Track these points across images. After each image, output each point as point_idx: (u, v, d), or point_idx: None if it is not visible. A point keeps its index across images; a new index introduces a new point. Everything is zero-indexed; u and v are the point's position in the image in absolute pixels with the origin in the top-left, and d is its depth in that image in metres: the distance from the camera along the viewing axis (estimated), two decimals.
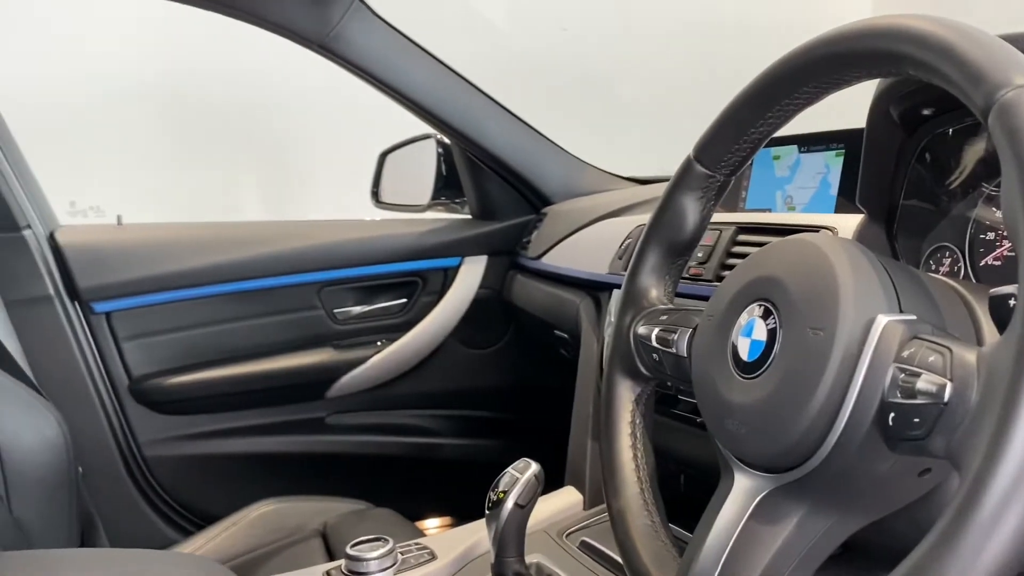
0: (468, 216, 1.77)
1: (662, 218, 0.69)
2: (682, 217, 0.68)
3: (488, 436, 1.84)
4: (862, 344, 0.47)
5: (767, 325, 0.54)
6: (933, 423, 0.43)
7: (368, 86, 1.54)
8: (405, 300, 1.75)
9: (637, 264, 0.71)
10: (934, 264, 0.79)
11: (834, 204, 0.98)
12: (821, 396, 0.48)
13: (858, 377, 0.47)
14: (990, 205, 0.75)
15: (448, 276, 1.73)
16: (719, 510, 0.55)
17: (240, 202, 2.72)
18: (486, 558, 0.91)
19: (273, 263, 1.65)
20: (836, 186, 0.98)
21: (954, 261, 0.77)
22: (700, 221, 0.69)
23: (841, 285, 0.50)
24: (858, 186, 0.82)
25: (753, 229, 0.97)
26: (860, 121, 0.82)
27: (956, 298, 0.54)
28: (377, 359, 1.70)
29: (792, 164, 1.04)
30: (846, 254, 0.52)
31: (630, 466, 0.68)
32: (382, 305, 1.74)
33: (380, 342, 1.72)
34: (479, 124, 1.59)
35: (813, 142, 1.02)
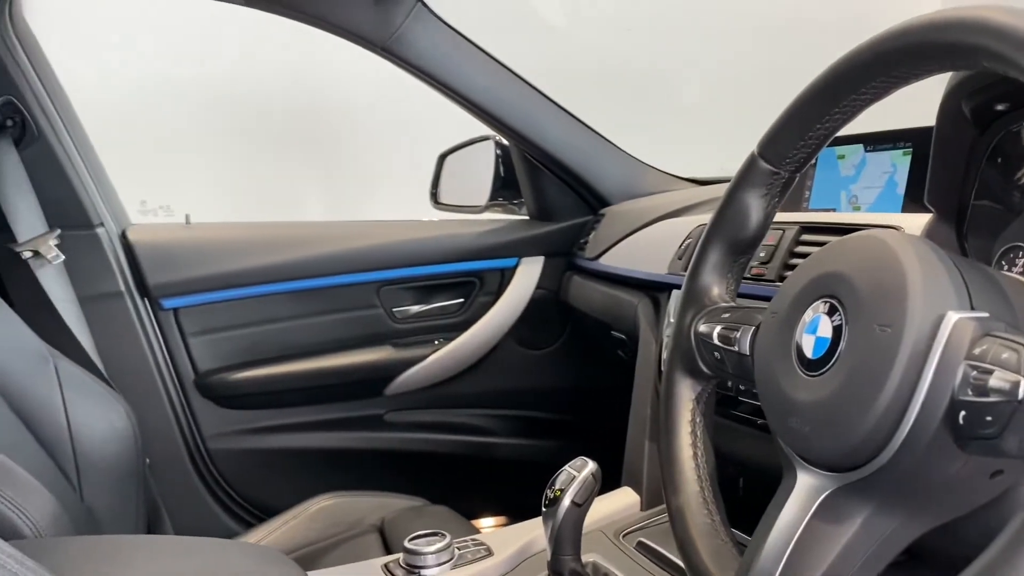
0: (525, 217, 1.78)
1: (725, 215, 0.69)
2: (745, 214, 0.67)
3: (544, 436, 1.84)
4: (931, 341, 0.47)
5: (832, 322, 0.53)
6: (1006, 421, 0.42)
7: (428, 88, 1.56)
8: (462, 300, 1.76)
9: (699, 262, 0.71)
10: (1006, 264, 0.76)
11: (901, 204, 0.96)
12: (888, 394, 0.47)
13: (927, 374, 0.46)
14: None
15: (505, 276, 1.74)
16: (781, 509, 0.55)
17: (302, 202, 2.78)
18: (542, 556, 0.92)
19: (334, 262, 1.68)
20: (903, 185, 0.96)
21: None
22: (764, 219, 0.68)
23: (909, 281, 0.49)
24: (927, 185, 0.81)
25: (817, 229, 0.96)
26: (924, 120, 0.80)
27: None
28: (434, 358, 1.71)
29: (858, 163, 1.03)
30: (914, 250, 0.51)
31: (690, 464, 0.67)
32: (439, 304, 1.76)
33: (437, 341, 1.73)
34: (538, 125, 1.60)
35: (879, 141, 1.00)
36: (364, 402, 1.75)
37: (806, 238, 0.96)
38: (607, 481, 0.90)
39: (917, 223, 0.83)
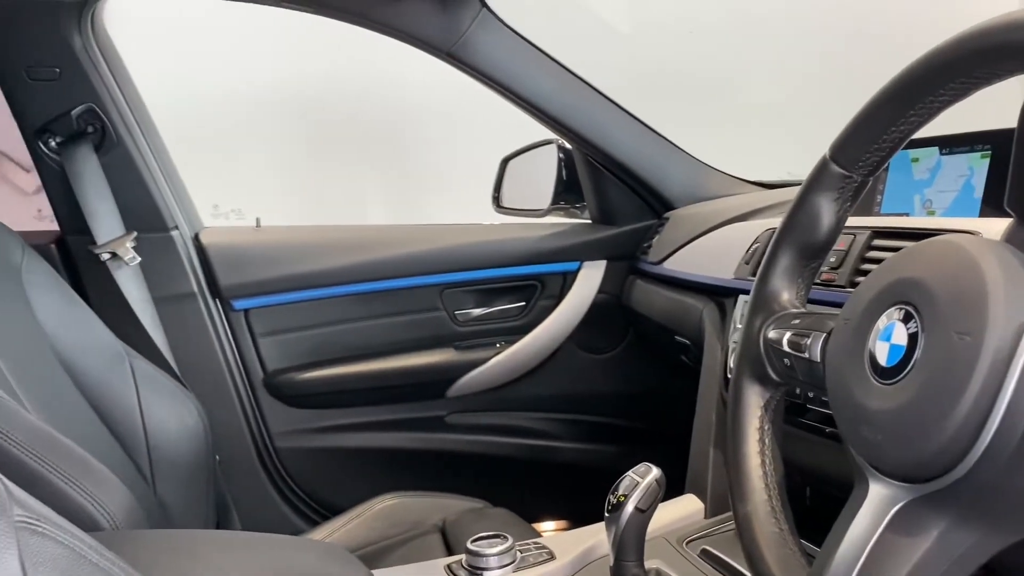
0: (588, 221, 1.78)
1: (795, 219, 0.68)
2: (816, 218, 0.66)
3: (605, 441, 1.83)
4: (1014, 349, 0.45)
5: (908, 329, 0.52)
6: None
7: (490, 93, 1.57)
8: (524, 303, 1.76)
9: (768, 266, 0.70)
10: None
11: (978, 208, 0.93)
12: (967, 403, 0.46)
13: (1008, 384, 0.45)
14: None
15: (567, 280, 1.74)
16: (852, 520, 0.54)
17: (366, 206, 2.82)
18: (604, 561, 0.91)
19: (398, 265, 1.70)
20: (981, 189, 0.93)
21: None
22: (835, 223, 0.67)
23: (990, 288, 0.47)
24: (1007, 188, 0.78)
25: (890, 234, 0.93)
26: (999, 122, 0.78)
27: None
28: (496, 361, 1.72)
29: (932, 166, 1.00)
30: (995, 256, 0.49)
31: (757, 472, 0.67)
32: (501, 308, 1.77)
33: (499, 344, 1.74)
34: (602, 129, 1.59)
35: (956, 143, 0.97)
36: (426, 403, 1.76)
37: (878, 243, 0.94)
38: (670, 487, 0.90)
39: (996, 228, 0.80)
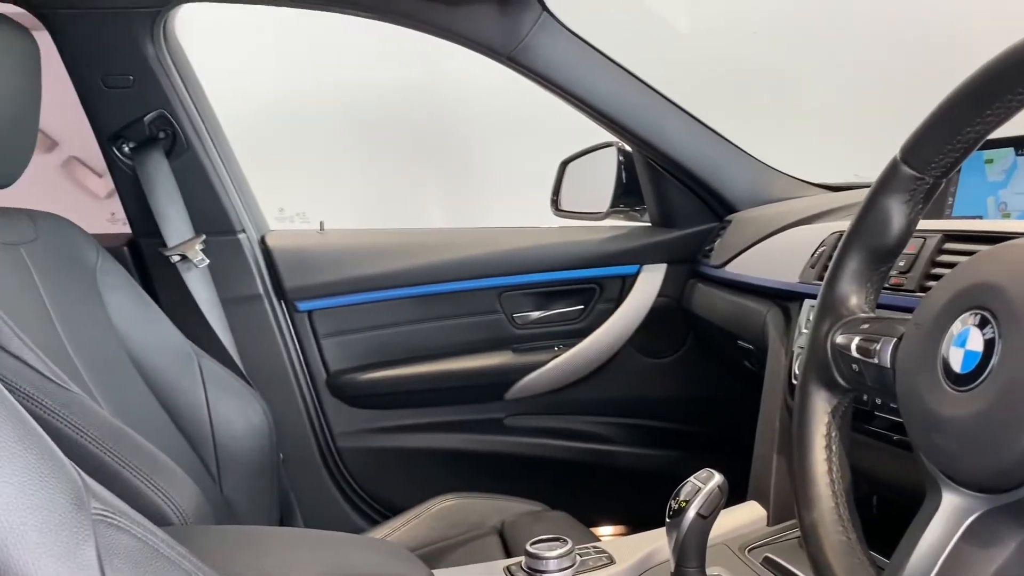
0: (647, 224, 1.76)
1: (864, 222, 0.66)
2: (886, 221, 0.65)
3: (665, 446, 1.81)
4: None
5: (984, 335, 0.50)
6: None
7: (549, 95, 1.57)
8: (582, 307, 1.76)
9: (836, 270, 0.68)
10: None
11: None
12: None
13: None
14: None
15: (626, 284, 1.73)
16: (924, 530, 0.52)
17: (426, 209, 2.85)
18: (665, 567, 0.91)
19: (458, 268, 1.71)
20: None
21: None
22: (906, 226, 0.65)
23: None
24: None
25: (962, 237, 0.91)
26: None
27: None
28: (554, 364, 1.72)
29: (1008, 168, 0.97)
30: None
31: (824, 480, 0.65)
32: (559, 311, 1.77)
33: (557, 347, 1.74)
34: (662, 131, 1.58)
35: None
36: (484, 405, 1.77)
37: (950, 247, 0.91)
38: (731, 494, 0.88)
39: None
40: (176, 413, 1.31)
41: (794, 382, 1.04)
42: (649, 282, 1.71)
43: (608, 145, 1.72)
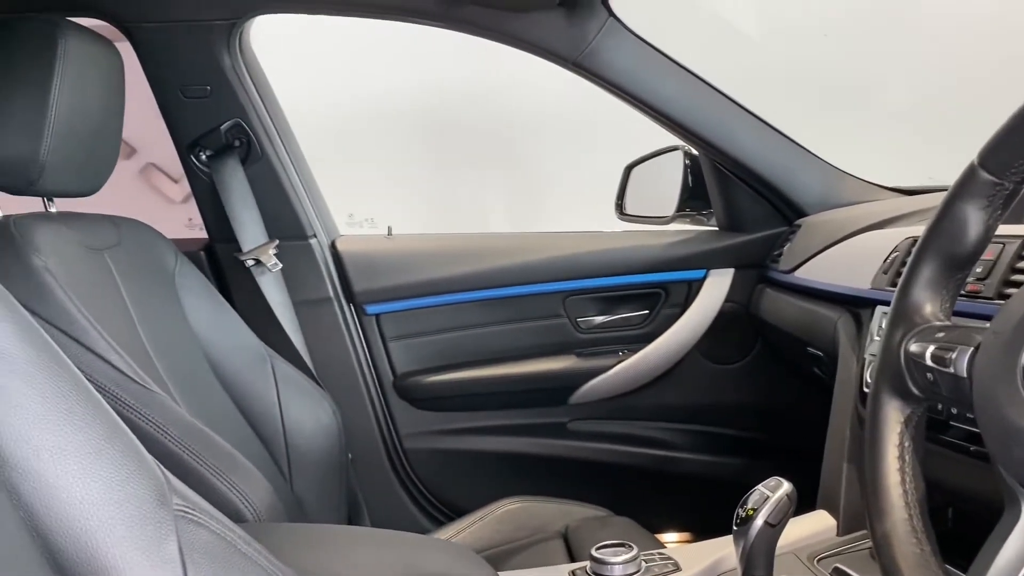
0: (714, 228, 1.75)
1: (940, 227, 0.65)
2: (963, 227, 0.63)
3: (731, 454, 1.79)
4: None
5: None
6: None
7: (613, 100, 1.57)
8: (647, 312, 1.75)
9: (910, 277, 0.67)
10: None
11: None
12: None
13: None
14: None
15: (692, 289, 1.71)
16: (1003, 543, 0.51)
17: (492, 214, 2.87)
18: (732, 575, 0.90)
19: (522, 272, 1.72)
20: None
21: None
22: (984, 232, 0.64)
23: None
24: None
25: None
26: None
27: None
28: (618, 369, 1.71)
29: None
30: None
31: (897, 490, 0.64)
32: (624, 316, 1.76)
33: (621, 352, 1.73)
34: (731, 134, 1.56)
35: None
36: (548, 410, 1.77)
37: None
38: (800, 503, 0.87)
39: None
40: (250, 413, 1.35)
41: (865, 390, 1.02)
42: (716, 287, 1.70)
43: (674, 149, 1.71)
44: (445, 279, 1.71)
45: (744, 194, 1.65)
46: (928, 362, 0.63)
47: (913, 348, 0.65)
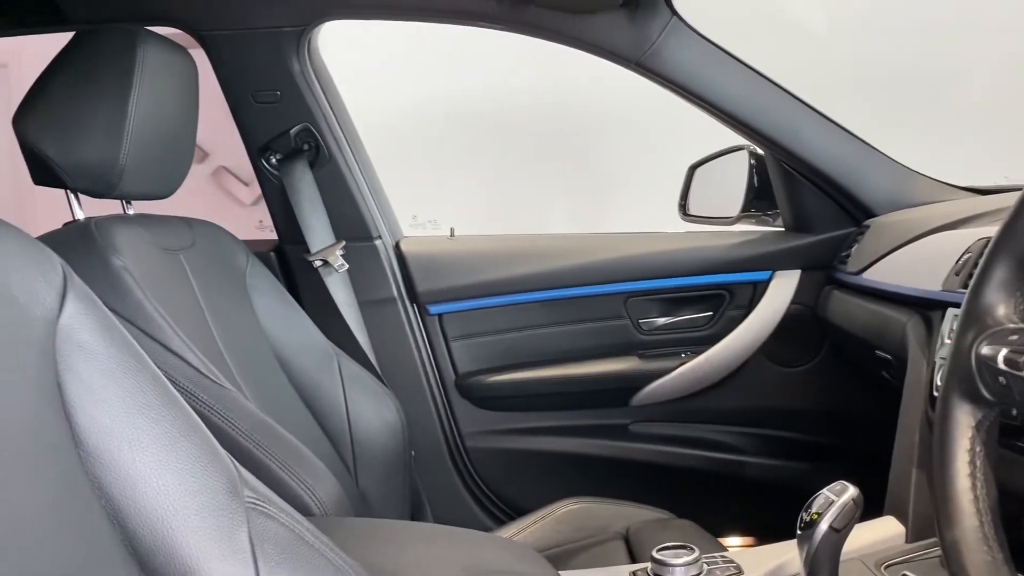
0: (780, 229, 1.72)
1: (1015, 228, 0.63)
2: None
3: (795, 458, 1.76)
4: None
5: None
6: None
7: (676, 100, 1.56)
8: (711, 313, 1.73)
9: (982, 278, 0.66)
10: None
11: None
12: None
13: None
14: None
15: (757, 290, 1.69)
16: None
17: (554, 215, 2.87)
18: None
19: (583, 273, 1.72)
20: None
21: None
22: None
23: None
24: None
25: None
26: None
27: None
28: (681, 371, 1.70)
29: None
30: None
31: (967, 496, 0.62)
32: (687, 317, 1.75)
33: (684, 354, 1.72)
34: (797, 133, 1.54)
35: None
36: (610, 411, 1.77)
37: None
38: (867, 509, 0.85)
39: None
40: (317, 409, 1.38)
41: (935, 394, 0.99)
42: (782, 289, 1.67)
43: (739, 148, 1.69)
44: (507, 280, 1.72)
45: (811, 194, 1.62)
46: (1001, 365, 0.61)
47: (985, 351, 0.63)
